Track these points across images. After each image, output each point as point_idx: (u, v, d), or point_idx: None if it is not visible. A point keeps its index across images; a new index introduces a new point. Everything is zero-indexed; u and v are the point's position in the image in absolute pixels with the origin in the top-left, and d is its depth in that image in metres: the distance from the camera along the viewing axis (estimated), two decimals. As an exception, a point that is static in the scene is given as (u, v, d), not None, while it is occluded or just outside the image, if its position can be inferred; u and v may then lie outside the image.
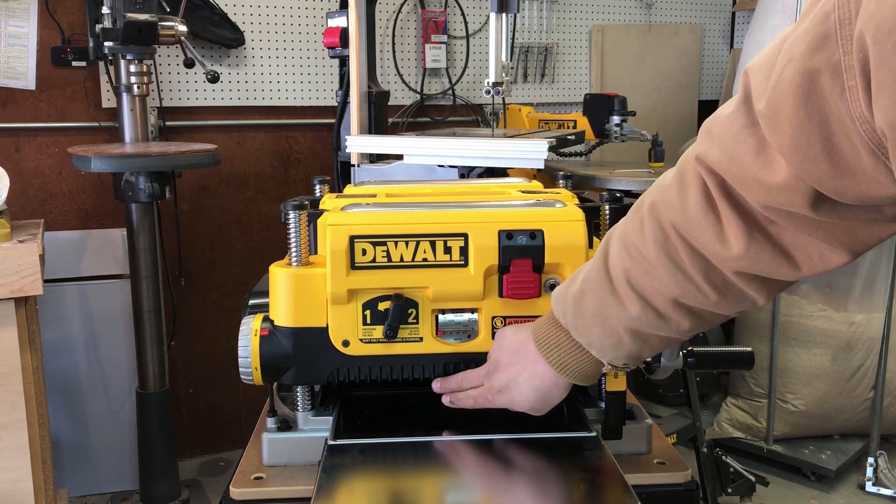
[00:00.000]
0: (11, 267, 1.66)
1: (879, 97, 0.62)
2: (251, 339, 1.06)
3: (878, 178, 0.67)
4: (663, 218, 0.85)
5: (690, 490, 1.08)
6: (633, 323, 0.89)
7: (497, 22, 2.24)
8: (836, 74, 0.65)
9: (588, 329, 0.94)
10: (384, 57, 3.25)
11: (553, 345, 0.98)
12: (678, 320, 0.88)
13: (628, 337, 0.91)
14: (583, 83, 3.73)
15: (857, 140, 0.66)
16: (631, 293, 0.88)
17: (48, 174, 2.79)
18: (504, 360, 1.02)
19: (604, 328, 0.92)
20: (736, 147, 0.76)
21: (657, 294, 0.87)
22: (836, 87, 0.65)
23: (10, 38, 2.65)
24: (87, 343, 2.79)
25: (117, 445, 2.84)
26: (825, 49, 0.66)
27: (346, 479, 0.98)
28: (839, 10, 0.64)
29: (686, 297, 0.86)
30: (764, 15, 3.20)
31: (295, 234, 1.07)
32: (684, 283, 0.85)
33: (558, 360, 0.98)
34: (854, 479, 2.92)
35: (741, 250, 0.79)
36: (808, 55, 0.67)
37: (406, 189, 1.43)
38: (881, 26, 0.60)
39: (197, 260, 3.06)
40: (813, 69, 0.67)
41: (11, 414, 1.71)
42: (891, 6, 0.59)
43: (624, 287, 0.89)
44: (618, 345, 0.92)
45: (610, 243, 0.92)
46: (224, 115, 3.02)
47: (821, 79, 0.66)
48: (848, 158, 0.68)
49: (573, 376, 0.99)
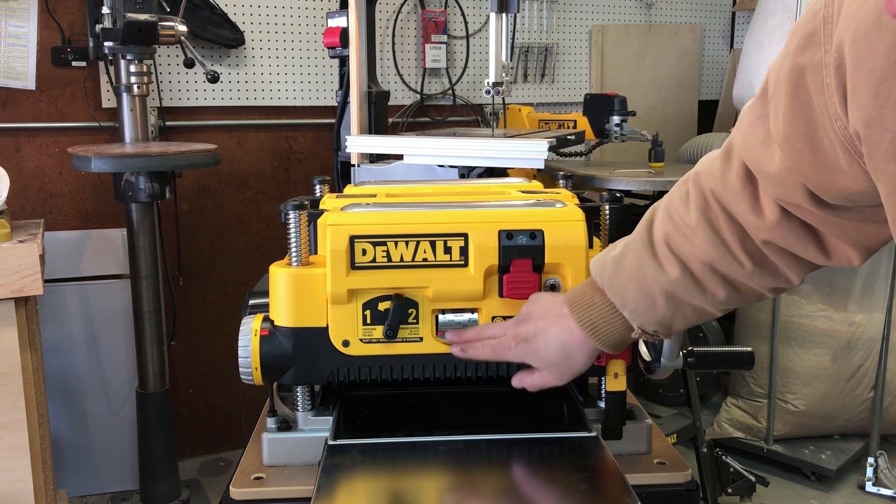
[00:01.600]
0: (11, 267, 1.66)
1: (856, 95, 0.63)
2: (251, 339, 1.06)
3: (854, 175, 0.68)
4: (705, 185, 0.88)
5: (690, 490, 1.08)
6: (670, 285, 0.90)
7: (497, 22, 2.24)
8: (818, 72, 0.67)
9: (624, 288, 0.94)
10: (384, 57, 3.25)
11: (586, 305, 0.98)
12: (713, 288, 0.89)
13: (662, 300, 0.91)
14: (583, 83, 3.73)
15: (834, 137, 0.67)
16: (670, 256, 0.90)
17: (48, 174, 2.79)
18: (536, 312, 1.02)
19: (640, 289, 0.92)
20: (750, 136, 0.79)
21: (695, 258, 0.88)
22: (818, 83, 0.67)
23: (10, 38, 2.65)
24: (87, 343, 2.79)
25: (117, 445, 2.84)
26: (811, 46, 0.67)
27: (346, 479, 0.98)
28: (825, 8, 0.66)
29: (722, 263, 0.87)
30: (764, 15, 3.20)
31: (295, 234, 1.07)
32: (722, 250, 0.86)
33: (589, 320, 0.97)
34: (854, 479, 2.92)
35: (773, 221, 0.81)
36: (797, 51, 0.69)
37: (406, 189, 1.43)
38: (860, 27, 0.61)
39: (197, 260, 3.06)
40: (800, 65, 0.69)
41: (11, 414, 1.71)
42: (870, 7, 0.61)
43: (664, 250, 0.90)
44: (651, 307, 0.92)
45: (655, 212, 0.94)
46: (224, 115, 3.02)
47: (806, 75, 0.68)
48: (828, 154, 0.69)
49: (602, 340, 0.98)
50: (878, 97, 0.61)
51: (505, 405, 1.20)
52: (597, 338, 0.98)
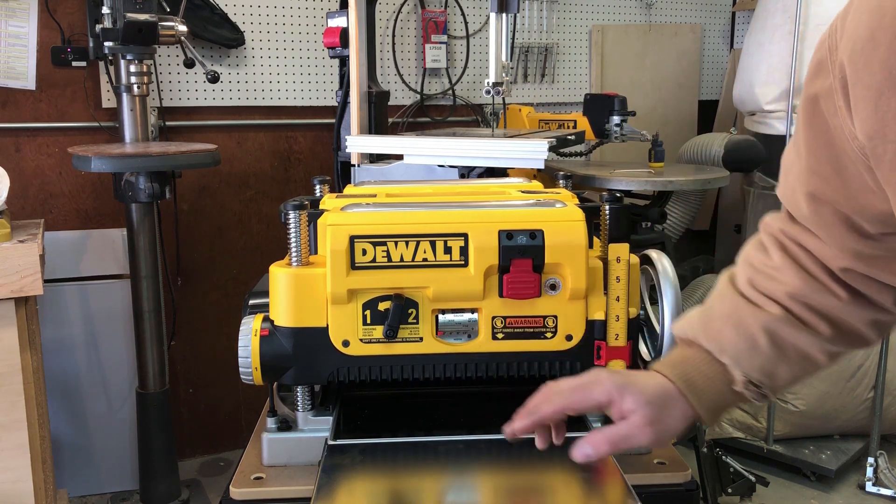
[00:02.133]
0: (11, 267, 1.66)
1: (857, 110, 0.66)
2: (251, 339, 1.06)
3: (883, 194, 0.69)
4: (774, 227, 0.86)
5: (690, 490, 1.08)
6: (770, 322, 0.83)
7: (497, 22, 2.24)
8: (829, 97, 0.69)
9: (720, 332, 0.85)
10: (384, 57, 3.25)
11: (676, 361, 0.87)
12: (814, 323, 0.83)
13: (765, 339, 0.83)
14: (583, 83, 3.73)
15: (855, 158, 0.69)
16: (762, 297, 0.84)
17: (48, 174, 2.79)
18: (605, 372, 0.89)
19: (738, 330, 0.84)
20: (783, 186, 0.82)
21: (787, 296, 0.83)
22: (831, 108, 0.69)
23: (10, 38, 2.65)
24: (87, 343, 2.79)
25: (117, 445, 2.83)
26: (820, 74, 0.70)
27: (346, 479, 0.98)
28: (830, 37, 0.69)
29: (815, 297, 0.82)
30: (764, 15, 3.19)
31: (295, 234, 1.07)
32: (811, 282, 0.82)
33: (683, 373, 0.85)
34: (854, 479, 2.92)
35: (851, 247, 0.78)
36: (809, 81, 0.72)
37: (406, 189, 1.43)
38: (855, 45, 0.64)
39: (197, 260, 3.06)
40: (813, 94, 0.71)
41: (11, 414, 1.71)
42: (864, 26, 0.63)
43: (754, 293, 0.85)
44: (753, 349, 0.83)
45: (733, 269, 0.89)
46: (224, 115, 3.02)
47: (819, 102, 0.71)
48: (854, 176, 0.71)
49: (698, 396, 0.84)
50: (877, 110, 0.63)
51: (505, 405, 1.20)
52: (693, 392, 0.84)
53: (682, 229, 3.32)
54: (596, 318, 1.09)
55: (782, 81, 3.00)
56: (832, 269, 0.81)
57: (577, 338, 1.09)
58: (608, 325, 1.09)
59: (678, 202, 3.22)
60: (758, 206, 3.21)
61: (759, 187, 3.20)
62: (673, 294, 1.11)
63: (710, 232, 3.99)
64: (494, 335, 1.07)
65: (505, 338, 1.07)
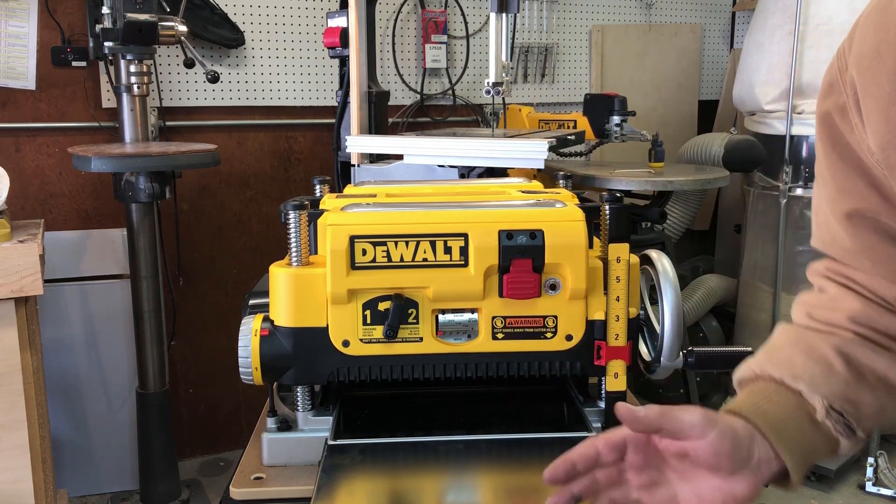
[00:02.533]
0: (11, 267, 1.66)
1: (869, 122, 0.67)
2: (251, 339, 1.06)
3: None
4: (821, 267, 0.83)
5: (690, 490, 1.08)
6: (842, 344, 0.76)
7: (497, 22, 2.24)
8: (844, 114, 0.71)
9: (790, 359, 0.77)
10: (384, 57, 3.25)
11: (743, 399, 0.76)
12: (887, 343, 0.77)
13: (840, 361, 0.75)
14: (583, 83, 3.73)
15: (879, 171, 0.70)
16: (826, 325, 0.80)
17: (48, 174, 2.79)
18: None
19: (809, 354, 0.76)
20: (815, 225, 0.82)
21: (850, 321, 0.78)
22: (847, 126, 0.71)
23: (10, 38, 2.65)
24: (87, 343, 2.79)
25: (117, 445, 2.84)
26: (832, 93, 0.72)
27: (346, 479, 0.98)
28: (838, 60, 0.71)
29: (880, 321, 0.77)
30: (764, 15, 3.19)
31: (295, 234, 1.07)
32: (873, 304, 0.78)
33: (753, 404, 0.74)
34: (854, 479, 2.92)
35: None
36: (820, 101, 0.74)
37: (406, 189, 1.43)
38: (862, 60, 0.66)
39: (197, 260, 3.06)
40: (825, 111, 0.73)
41: (11, 414, 1.71)
42: (870, 42, 0.66)
43: (816, 324, 0.81)
44: (829, 373, 0.74)
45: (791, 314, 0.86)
46: (224, 115, 3.02)
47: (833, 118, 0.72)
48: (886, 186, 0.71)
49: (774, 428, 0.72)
50: (888, 121, 0.65)
51: (505, 405, 1.21)
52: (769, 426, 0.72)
53: (682, 229, 3.32)
54: (596, 318, 1.09)
55: (782, 81, 3.00)
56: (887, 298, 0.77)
57: (577, 338, 1.09)
58: (608, 325, 1.09)
59: (678, 202, 3.22)
60: (758, 206, 3.22)
61: (759, 187, 3.20)
62: (673, 294, 1.11)
63: (710, 232, 3.99)
64: (494, 335, 1.07)
65: (505, 338, 1.07)
